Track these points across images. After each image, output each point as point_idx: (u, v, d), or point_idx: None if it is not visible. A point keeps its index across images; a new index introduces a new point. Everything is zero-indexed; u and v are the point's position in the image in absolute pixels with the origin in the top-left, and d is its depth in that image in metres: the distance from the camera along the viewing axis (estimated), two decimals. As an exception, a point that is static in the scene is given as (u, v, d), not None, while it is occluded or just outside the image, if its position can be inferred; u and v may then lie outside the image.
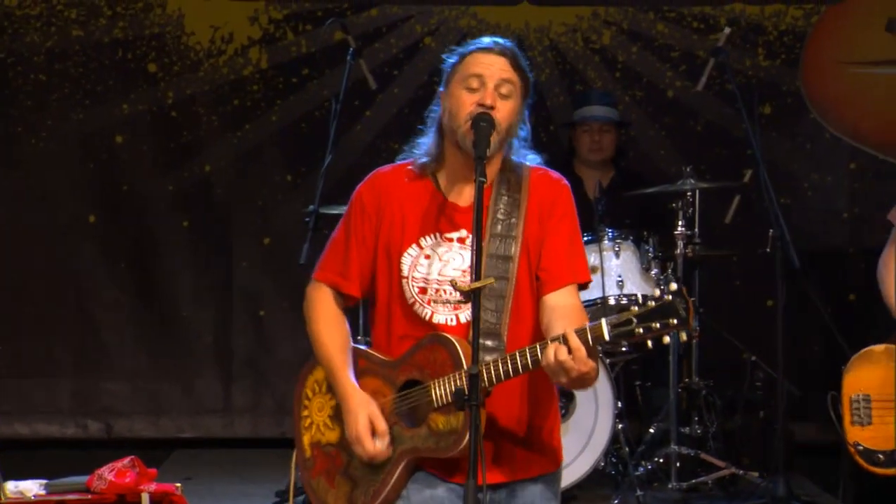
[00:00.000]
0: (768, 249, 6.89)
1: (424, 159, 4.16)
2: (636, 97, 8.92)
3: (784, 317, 6.83)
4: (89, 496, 5.85)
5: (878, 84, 8.89)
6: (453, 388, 3.89)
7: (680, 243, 7.24)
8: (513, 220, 4.07)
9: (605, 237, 7.12)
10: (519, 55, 4.15)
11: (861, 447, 5.16)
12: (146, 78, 8.91)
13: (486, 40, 4.15)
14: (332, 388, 4.16)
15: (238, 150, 8.96)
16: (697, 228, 7.38)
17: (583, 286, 4.18)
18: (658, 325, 3.71)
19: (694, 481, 7.17)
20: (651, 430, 7.42)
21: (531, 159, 4.18)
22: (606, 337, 3.74)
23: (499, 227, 4.08)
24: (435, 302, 4.08)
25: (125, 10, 8.89)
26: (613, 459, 7.22)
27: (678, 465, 7.14)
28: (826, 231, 8.88)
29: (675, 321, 3.71)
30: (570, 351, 3.73)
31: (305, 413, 4.25)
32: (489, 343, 3.94)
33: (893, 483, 5.26)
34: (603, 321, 3.76)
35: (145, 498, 5.85)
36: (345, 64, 7.95)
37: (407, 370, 4.05)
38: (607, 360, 7.04)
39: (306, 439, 4.24)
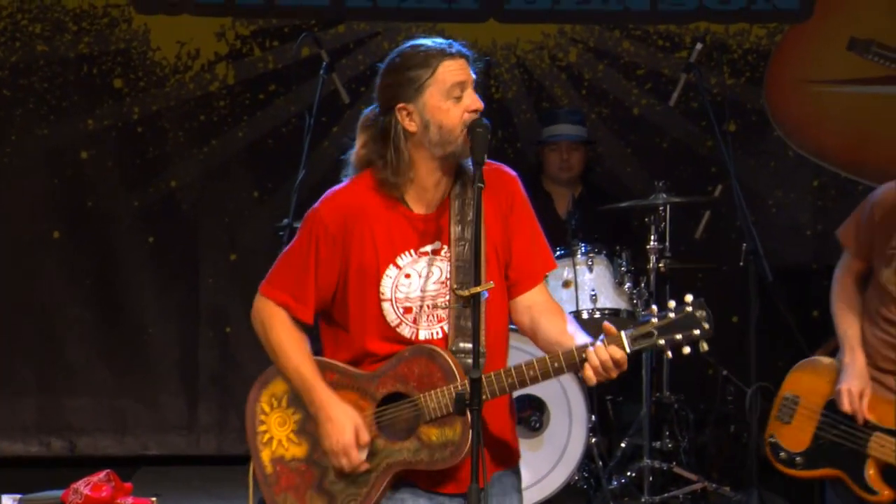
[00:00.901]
0: (741, 263, 6.94)
1: (388, 174, 4.06)
2: (602, 114, 8.97)
3: (757, 332, 6.87)
4: (65, 510, 5.83)
5: (841, 103, 8.99)
6: (448, 399, 3.90)
7: (652, 258, 7.28)
8: (476, 234, 3.99)
9: (579, 251, 7.15)
10: (471, 56, 4.21)
11: (773, 440, 5.41)
12: (112, 93, 8.87)
13: (440, 44, 4.15)
14: (294, 402, 4.09)
15: (204, 166, 8.93)
16: (668, 243, 7.42)
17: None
18: (680, 336, 3.84)
19: (666, 495, 7.19)
20: (622, 445, 7.44)
21: None
22: (627, 349, 3.83)
23: (465, 231, 4.07)
24: (420, 319, 4.05)
25: (90, 25, 8.85)
26: (585, 474, 7.24)
27: (650, 479, 7.17)
28: (790, 248, 8.94)
29: (697, 332, 3.85)
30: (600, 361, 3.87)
31: (263, 428, 4.13)
32: (463, 347, 3.97)
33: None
34: (622, 334, 3.84)
35: (122, 511, 5.84)
36: (312, 80, 8.00)
37: (388, 383, 4.02)
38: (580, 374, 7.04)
39: (265, 455, 4.13)
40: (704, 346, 3.88)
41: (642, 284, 7.26)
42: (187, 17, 8.89)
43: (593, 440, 7.06)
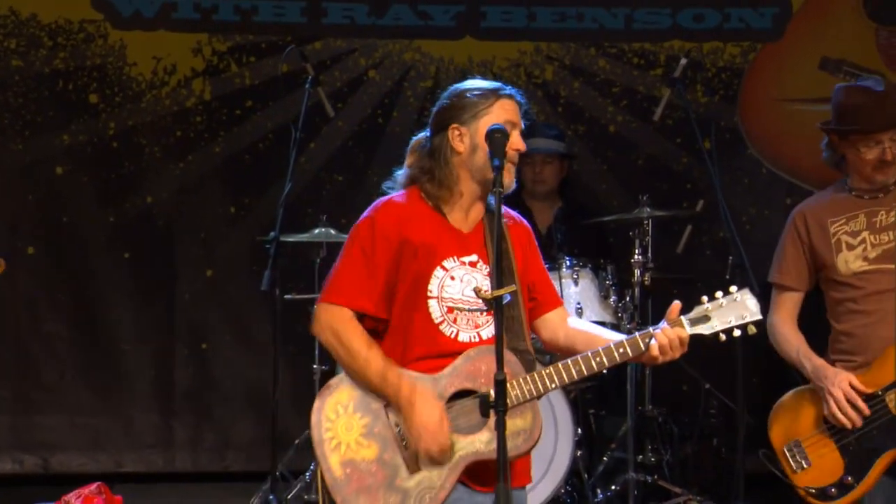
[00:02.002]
0: (727, 276, 6.97)
1: (433, 190, 4.44)
2: (578, 132, 9.02)
3: (744, 344, 6.86)
4: (57, 522, 5.79)
5: (813, 121, 9.02)
6: (518, 390, 4.19)
7: (637, 271, 7.32)
8: (506, 247, 4.41)
9: (564, 265, 7.19)
10: (523, 102, 4.54)
11: (812, 490, 5.28)
12: (87, 109, 8.84)
13: (505, 87, 4.51)
14: (360, 407, 4.30)
15: (181, 182, 8.91)
16: (651, 256, 7.47)
17: None
18: (732, 319, 4.24)
19: (651, 508, 7.23)
20: (604, 459, 7.47)
21: None
22: (687, 332, 4.23)
23: (497, 252, 4.30)
24: (460, 321, 4.36)
25: (66, 40, 8.82)
26: (569, 487, 7.25)
27: (635, 492, 7.19)
28: (763, 264, 8.97)
29: (748, 316, 4.24)
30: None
31: (330, 434, 4.31)
32: (520, 345, 4.31)
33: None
34: (683, 318, 4.26)
35: (114, 524, 5.81)
36: (289, 96, 8.05)
37: (456, 381, 4.28)
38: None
39: (335, 460, 4.29)
40: (753, 329, 4.26)
41: (627, 298, 7.30)
42: (164, 33, 8.90)
43: (578, 453, 7.07)
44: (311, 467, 7.43)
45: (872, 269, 5.33)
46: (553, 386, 4.24)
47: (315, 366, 7.54)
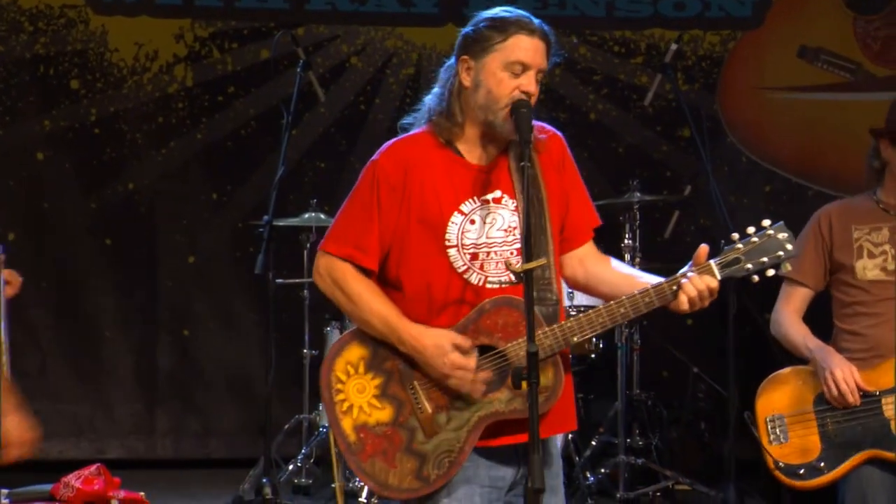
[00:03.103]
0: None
1: (443, 126, 4.10)
2: (559, 119, 9.04)
3: (735, 329, 6.92)
4: (57, 504, 5.78)
5: (791, 109, 9.15)
6: (544, 345, 3.92)
7: (627, 255, 7.36)
8: (536, 178, 4.08)
9: (552, 250, 7.19)
10: (553, 41, 4.20)
11: (782, 464, 5.31)
12: (68, 94, 8.80)
13: (530, 20, 4.15)
14: (372, 366, 4.06)
15: (163, 168, 8.88)
16: (638, 242, 7.52)
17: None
18: (766, 258, 3.98)
19: (641, 491, 7.26)
20: (593, 442, 7.50)
21: None
22: (718, 277, 3.98)
23: (528, 189, 4.00)
24: (487, 266, 4.06)
25: (47, 25, 8.78)
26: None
27: (626, 475, 7.23)
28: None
29: (782, 253, 3.98)
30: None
31: (341, 397, 4.07)
32: (548, 296, 4.00)
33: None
34: (711, 262, 4.01)
35: (115, 504, 5.80)
36: (271, 82, 8.05)
37: (473, 336, 4.00)
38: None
39: (347, 424, 4.06)
40: (788, 267, 4.01)
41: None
42: (145, 19, 8.86)
43: (569, 436, 7.11)
44: (304, 450, 7.45)
45: (889, 280, 5.37)
46: (576, 339, 3.96)
47: (305, 350, 7.55)
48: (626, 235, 7.43)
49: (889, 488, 5.23)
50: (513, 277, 3.95)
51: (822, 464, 5.26)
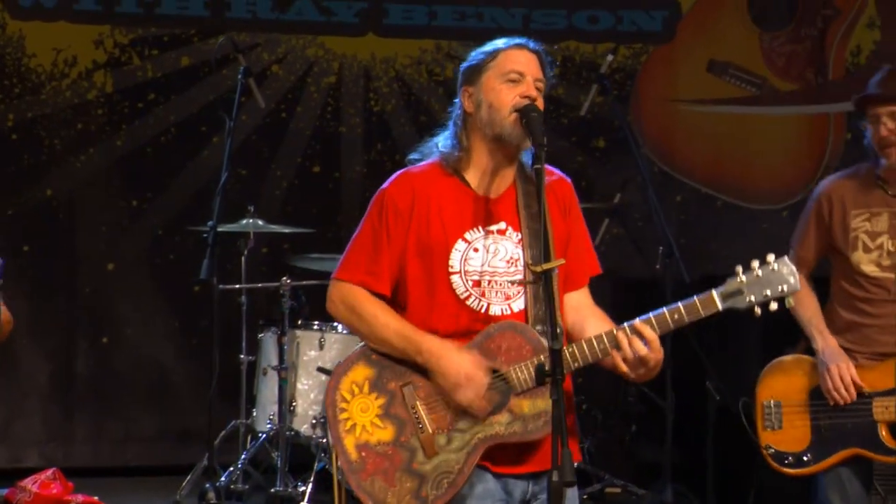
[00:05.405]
0: (657, 266, 7.19)
1: (451, 156, 4.19)
2: (478, 130, 9.14)
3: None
4: (14, 508, 5.75)
5: (700, 121, 9.39)
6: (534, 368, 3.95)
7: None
8: (542, 211, 4.02)
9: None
10: (545, 58, 4.31)
11: (772, 450, 5.45)
12: (-16, 100, 8.72)
13: (519, 38, 4.29)
14: (376, 387, 4.11)
15: (82, 175, 8.82)
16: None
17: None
18: (769, 292, 3.94)
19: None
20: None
21: None
22: (720, 307, 3.93)
23: (532, 218, 4.12)
24: (489, 294, 4.11)
25: (-38, 30, 8.70)
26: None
27: (558, 478, 7.34)
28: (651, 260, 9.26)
29: (785, 287, 3.95)
30: (647, 342, 3.93)
31: (345, 416, 4.11)
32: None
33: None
34: (713, 292, 3.95)
35: (73, 509, 5.78)
36: (191, 89, 8.05)
37: None
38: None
39: (349, 442, 4.10)
40: (791, 302, 3.98)
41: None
42: (64, 24, 8.79)
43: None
44: (242, 458, 7.45)
45: (883, 277, 5.42)
46: (576, 365, 3.99)
47: (242, 356, 7.57)
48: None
49: (866, 486, 5.41)
50: (511, 273, 4.06)
51: (809, 456, 5.40)
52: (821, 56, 9.46)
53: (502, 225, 4.17)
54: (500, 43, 4.29)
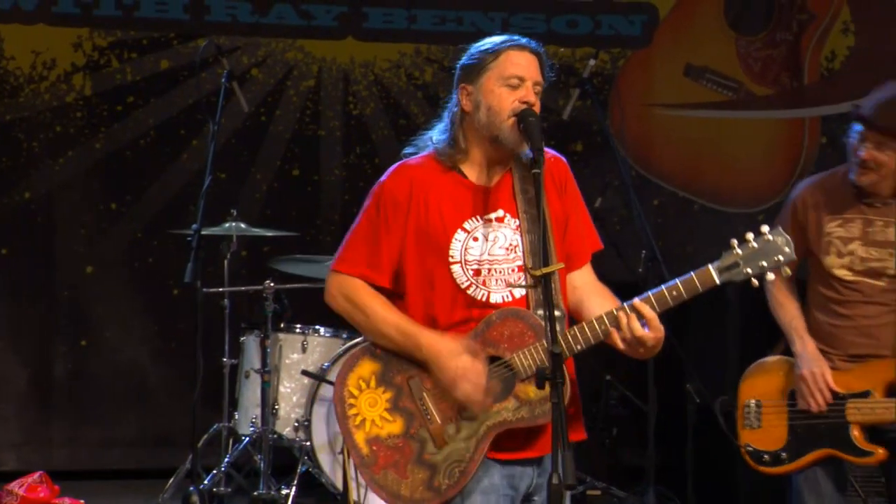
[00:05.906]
0: (640, 269, 7.23)
1: (447, 152, 4.21)
2: (457, 134, 9.17)
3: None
4: (0, 512, 5.74)
5: (677, 125, 9.45)
6: (543, 355, 3.97)
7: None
8: (542, 214, 4.06)
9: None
10: (545, 58, 4.30)
11: (750, 448, 5.53)
12: (-37, 103, 8.69)
13: (519, 38, 4.28)
14: (383, 381, 4.15)
15: (60, 178, 8.80)
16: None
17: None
18: (765, 262, 4.01)
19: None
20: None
21: None
22: (717, 281, 4.00)
23: (531, 206, 4.14)
24: (490, 282, 4.14)
25: (-61, 33, 8.67)
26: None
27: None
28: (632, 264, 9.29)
29: (781, 257, 4.00)
30: (646, 321, 4.00)
31: (354, 411, 4.16)
32: (556, 313, 4.00)
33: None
34: (710, 266, 4.02)
35: (61, 511, 5.78)
36: (170, 92, 8.05)
37: (480, 348, 4.07)
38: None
39: (360, 437, 4.15)
40: (787, 272, 4.03)
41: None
42: (43, 27, 8.77)
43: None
44: (225, 461, 7.45)
45: (856, 281, 5.45)
46: (579, 347, 4.04)
47: (224, 359, 7.58)
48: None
49: (840, 486, 5.48)
50: (512, 260, 4.11)
51: (785, 454, 5.46)
52: (796, 60, 9.53)
53: (500, 213, 4.21)
54: (501, 41, 4.29)
